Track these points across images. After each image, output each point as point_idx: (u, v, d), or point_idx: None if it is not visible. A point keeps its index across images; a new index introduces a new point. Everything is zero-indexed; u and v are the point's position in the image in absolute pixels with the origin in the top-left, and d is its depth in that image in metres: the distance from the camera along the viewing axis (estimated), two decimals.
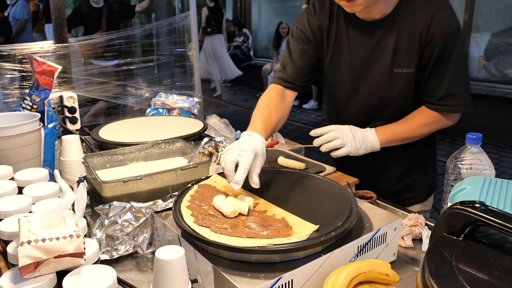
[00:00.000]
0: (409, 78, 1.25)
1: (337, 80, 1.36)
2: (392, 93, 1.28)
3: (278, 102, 1.30)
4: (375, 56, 1.27)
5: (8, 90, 1.95)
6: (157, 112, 1.86)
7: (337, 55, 1.33)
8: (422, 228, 1.05)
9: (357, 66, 1.30)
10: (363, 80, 1.31)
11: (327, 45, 1.34)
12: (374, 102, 1.31)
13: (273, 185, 1.04)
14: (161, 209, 0.99)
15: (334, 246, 0.81)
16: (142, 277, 0.94)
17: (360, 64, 1.29)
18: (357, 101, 1.34)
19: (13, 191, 1.02)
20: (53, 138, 1.43)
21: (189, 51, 2.92)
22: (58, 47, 2.09)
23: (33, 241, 0.65)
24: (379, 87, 1.29)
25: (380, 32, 1.25)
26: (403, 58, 1.24)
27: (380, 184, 1.38)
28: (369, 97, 1.31)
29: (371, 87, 1.30)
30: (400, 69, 1.25)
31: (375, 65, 1.27)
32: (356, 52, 1.29)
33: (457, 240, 0.58)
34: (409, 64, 1.24)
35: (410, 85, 1.26)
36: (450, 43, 1.19)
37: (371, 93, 1.31)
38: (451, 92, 1.23)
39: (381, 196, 1.28)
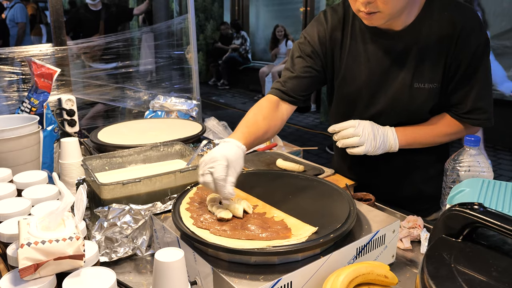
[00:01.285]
0: (431, 93, 1.18)
1: (350, 94, 1.28)
2: (411, 108, 1.21)
3: (269, 111, 1.21)
4: (394, 70, 1.19)
5: (6, 93, 1.95)
6: (155, 115, 1.86)
7: (352, 68, 1.25)
8: (420, 230, 1.06)
9: (374, 81, 1.22)
10: (380, 95, 1.23)
11: (340, 58, 1.26)
12: (392, 116, 1.23)
13: (272, 187, 1.04)
14: (160, 211, 0.99)
15: (333, 248, 0.82)
16: (141, 279, 0.94)
17: (378, 78, 1.22)
18: (373, 116, 1.25)
19: (12, 193, 1.02)
20: (51, 141, 1.44)
21: (187, 54, 2.92)
22: (56, 50, 2.09)
23: (33, 243, 0.66)
24: (397, 102, 1.21)
25: (401, 45, 1.17)
26: (425, 73, 1.17)
27: (396, 192, 1.33)
28: (386, 111, 1.24)
29: (389, 102, 1.22)
30: (421, 84, 1.18)
31: (394, 80, 1.20)
32: (374, 66, 1.21)
33: (456, 241, 0.58)
34: (432, 79, 1.17)
35: (431, 101, 1.19)
36: (479, 55, 1.13)
37: (389, 108, 1.23)
38: (478, 106, 1.17)
39: (396, 205, 1.26)
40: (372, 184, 1.32)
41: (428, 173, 1.35)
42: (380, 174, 1.35)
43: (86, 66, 2.88)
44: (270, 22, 9.38)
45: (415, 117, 1.23)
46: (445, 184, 0.96)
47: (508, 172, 4.39)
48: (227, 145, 0.99)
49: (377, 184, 1.32)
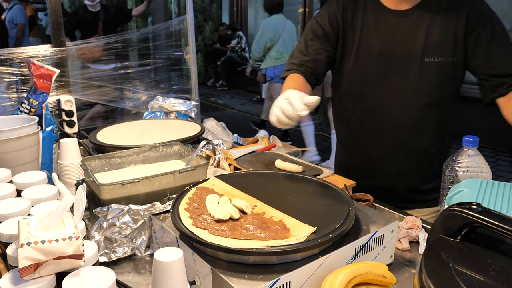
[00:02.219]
0: (443, 67, 1.23)
1: (363, 73, 1.33)
2: (422, 82, 1.25)
3: (304, 82, 1.34)
4: (405, 46, 1.25)
5: (6, 94, 1.95)
6: (154, 116, 1.86)
7: (364, 46, 1.30)
8: (419, 230, 1.06)
9: (386, 57, 1.28)
10: (392, 70, 1.28)
11: (352, 38, 1.31)
12: (404, 92, 1.28)
13: (270, 187, 1.04)
14: (159, 212, 0.99)
15: (331, 248, 0.82)
16: (140, 279, 0.94)
17: (390, 54, 1.27)
18: (386, 95, 1.31)
19: (11, 194, 1.02)
20: (51, 142, 1.44)
21: (186, 55, 2.92)
22: (55, 51, 2.09)
23: (32, 243, 0.66)
24: (408, 76, 1.26)
25: (411, 22, 1.24)
26: (435, 47, 1.22)
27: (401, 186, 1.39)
28: (398, 87, 1.29)
29: (400, 77, 1.28)
30: (431, 58, 1.23)
31: (405, 55, 1.26)
32: (386, 43, 1.27)
33: (454, 241, 0.58)
34: (442, 53, 1.22)
35: (443, 75, 1.24)
36: (498, 24, 1.20)
37: (400, 84, 1.28)
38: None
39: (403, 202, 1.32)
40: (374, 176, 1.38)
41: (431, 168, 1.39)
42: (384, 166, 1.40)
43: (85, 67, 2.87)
44: None
45: (432, 96, 1.27)
46: (443, 185, 0.97)
47: (506, 173, 4.40)
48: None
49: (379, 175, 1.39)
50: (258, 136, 1.89)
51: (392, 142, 1.36)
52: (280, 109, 1.08)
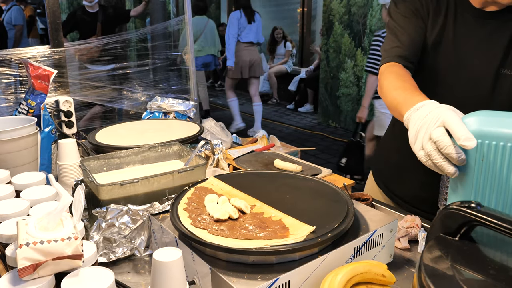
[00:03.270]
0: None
1: (430, 71, 1.18)
2: (495, 97, 1.10)
3: (410, 77, 1.08)
4: (481, 52, 1.10)
5: (4, 95, 1.95)
6: (153, 116, 1.86)
7: (438, 42, 1.15)
8: (418, 229, 1.06)
9: (457, 59, 1.13)
10: (460, 76, 1.13)
11: (432, 29, 1.15)
12: (470, 104, 1.03)
13: (269, 187, 1.04)
14: (158, 212, 0.99)
15: (330, 248, 0.82)
16: (140, 280, 0.94)
17: (461, 58, 1.12)
18: (449, 99, 1.02)
19: (10, 194, 1.02)
20: (49, 142, 1.43)
21: (184, 55, 2.93)
22: (53, 52, 2.09)
23: (31, 243, 0.66)
24: (478, 88, 1.11)
25: (493, 25, 1.08)
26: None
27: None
28: (465, 98, 1.10)
29: (469, 86, 1.12)
30: (509, 70, 1.08)
31: (479, 62, 1.11)
32: (460, 44, 1.12)
33: (453, 240, 0.59)
34: None
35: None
36: None
37: (467, 94, 1.12)
38: None
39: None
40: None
41: None
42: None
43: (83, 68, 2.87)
44: (267, 23, 9.38)
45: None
46: (442, 183, 0.96)
47: None
48: (432, 103, 0.85)
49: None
50: (257, 136, 1.89)
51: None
52: (433, 146, 0.78)
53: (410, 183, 1.31)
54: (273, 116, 7.11)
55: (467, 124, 0.77)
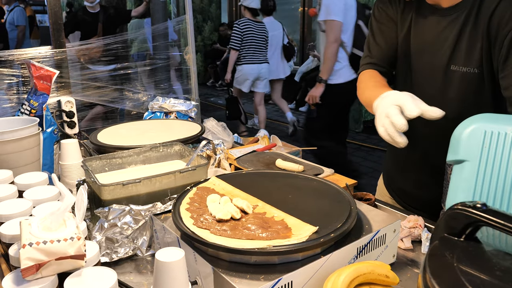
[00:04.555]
0: (468, 78, 1.10)
1: (401, 69, 1.26)
2: (447, 92, 1.15)
3: (381, 77, 1.24)
4: (433, 48, 1.15)
5: (6, 95, 1.95)
6: (154, 116, 1.86)
7: (402, 41, 1.22)
8: (421, 230, 1.06)
9: (414, 56, 1.19)
10: (416, 73, 1.20)
11: (401, 31, 1.23)
12: (426, 98, 1.08)
13: (271, 187, 1.04)
14: (160, 212, 0.99)
15: (333, 248, 0.82)
16: (142, 280, 0.94)
17: (417, 55, 1.18)
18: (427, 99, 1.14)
19: (13, 194, 1.02)
20: (51, 142, 1.44)
21: (185, 55, 2.93)
22: (55, 52, 2.09)
23: (34, 244, 0.66)
24: (431, 84, 1.16)
25: (444, 23, 1.12)
26: (462, 55, 1.10)
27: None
28: (422, 92, 1.12)
29: (425, 83, 1.18)
30: (457, 67, 1.12)
31: (431, 59, 1.15)
32: (416, 41, 1.18)
33: (458, 240, 0.58)
34: (468, 63, 1.09)
35: (469, 87, 1.11)
36: None
37: (423, 89, 1.17)
38: None
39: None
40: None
41: None
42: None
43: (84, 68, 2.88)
44: None
45: (453, 109, 1.08)
46: (445, 183, 0.96)
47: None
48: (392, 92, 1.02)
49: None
50: (259, 135, 1.89)
51: (417, 151, 1.26)
52: (389, 120, 0.94)
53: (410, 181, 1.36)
54: (274, 116, 7.10)
55: (471, 120, 0.84)
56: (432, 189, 1.19)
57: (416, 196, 1.34)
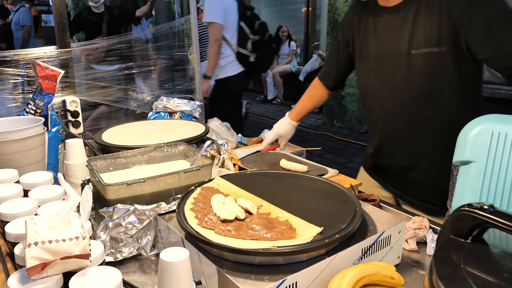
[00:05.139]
0: (429, 57, 1.21)
1: (363, 73, 1.45)
2: (413, 75, 1.26)
3: (314, 91, 1.70)
4: (394, 41, 1.29)
5: (12, 95, 1.96)
6: (158, 116, 1.87)
7: (365, 46, 1.40)
8: (426, 231, 1.05)
9: (381, 54, 1.34)
10: (385, 67, 1.34)
11: (358, 37, 1.43)
12: (395, 86, 1.32)
13: (276, 187, 1.04)
14: (164, 212, 0.99)
15: (338, 249, 0.81)
16: (146, 279, 0.94)
17: (384, 52, 1.33)
18: (380, 88, 1.37)
19: (18, 194, 1.02)
20: (56, 142, 1.44)
21: (190, 55, 2.93)
22: (60, 52, 2.10)
23: (40, 243, 0.66)
24: (397, 71, 1.29)
25: (398, 17, 1.28)
26: (420, 39, 1.23)
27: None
28: (390, 82, 1.33)
29: (391, 72, 1.31)
30: (417, 50, 1.23)
31: (395, 48, 1.29)
32: (380, 41, 1.34)
33: (465, 242, 0.58)
34: (426, 44, 1.21)
35: (432, 65, 1.22)
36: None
37: (391, 78, 1.32)
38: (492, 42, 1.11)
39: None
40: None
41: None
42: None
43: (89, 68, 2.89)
44: (271, 23, 9.36)
45: (420, 88, 1.26)
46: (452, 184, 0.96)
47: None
48: (281, 122, 1.69)
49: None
50: (263, 135, 1.89)
51: (394, 136, 1.40)
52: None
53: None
54: (278, 116, 7.07)
55: (478, 121, 0.86)
56: (414, 168, 1.38)
57: (402, 175, 1.45)
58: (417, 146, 1.35)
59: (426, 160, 1.36)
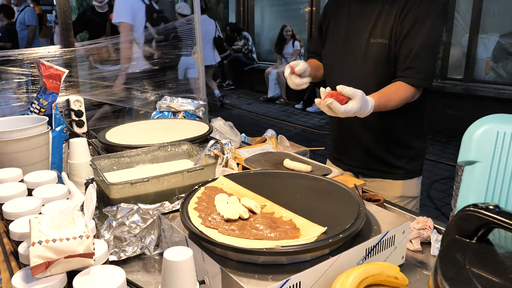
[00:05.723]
0: (383, 48, 1.40)
1: (330, 55, 1.59)
2: (369, 62, 1.44)
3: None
4: (358, 28, 1.46)
5: (16, 94, 1.97)
6: (162, 115, 1.87)
7: (337, 29, 1.55)
8: (430, 231, 1.05)
9: (346, 41, 1.50)
10: (348, 51, 1.50)
11: (333, 26, 1.57)
12: (358, 71, 1.47)
13: (279, 187, 1.04)
14: (168, 211, 0.99)
15: (342, 249, 0.81)
16: (150, 278, 0.94)
17: (349, 38, 1.49)
18: (342, 71, 1.53)
19: (22, 193, 1.03)
20: (60, 141, 1.45)
21: (193, 54, 2.93)
22: (64, 52, 2.11)
23: (44, 242, 0.66)
24: (356, 56, 1.47)
25: (368, 6, 1.45)
26: (379, 29, 1.41)
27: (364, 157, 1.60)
28: (351, 66, 1.49)
29: (352, 56, 1.48)
30: (375, 39, 1.42)
31: (356, 36, 1.47)
32: (350, 26, 1.50)
33: (470, 242, 0.57)
34: (383, 35, 1.40)
35: (383, 55, 1.41)
36: (420, 22, 1.35)
37: (354, 64, 1.48)
38: (412, 66, 1.37)
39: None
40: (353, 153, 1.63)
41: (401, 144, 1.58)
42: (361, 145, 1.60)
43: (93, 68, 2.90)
44: (275, 22, 9.37)
45: (374, 71, 1.45)
46: (456, 184, 0.95)
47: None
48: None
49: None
50: (266, 135, 1.88)
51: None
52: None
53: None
54: (281, 116, 7.09)
55: (483, 120, 0.87)
56: (365, 141, 1.57)
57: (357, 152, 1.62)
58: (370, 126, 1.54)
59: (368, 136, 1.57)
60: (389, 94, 1.36)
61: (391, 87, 1.39)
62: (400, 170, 1.58)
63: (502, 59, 5.47)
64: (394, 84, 1.40)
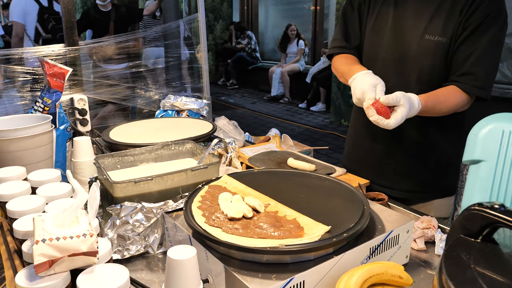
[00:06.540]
0: (440, 47, 1.26)
1: (375, 44, 1.39)
2: (421, 63, 1.29)
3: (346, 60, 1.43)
4: (412, 21, 1.30)
5: (20, 92, 1.98)
6: (166, 114, 1.87)
7: (383, 15, 1.36)
8: (435, 230, 1.04)
9: (395, 31, 1.33)
10: (397, 46, 1.33)
11: (374, 5, 1.39)
12: (405, 65, 1.32)
13: (283, 186, 1.04)
14: (171, 210, 0.99)
15: (346, 248, 0.81)
16: (153, 277, 0.94)
17: (399, 28, 1.32)
18: (387, 64, 1.36)
19: (26, 191, 1.03)
20: (64, 140, 1.45)
21: (197, 53, 2.93)
22: (68, 50, 2.11)
23: (47, 240, 0.66)
24: (406, 51, 1.31)
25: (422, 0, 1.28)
26: (437, 26, 1.25)
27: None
28: (402, 61, 1.33)
29: (402, 53, 1.32)
30: (431, 36, 1.26)
31: (409, 30, 1.30)
32: (398, 15, 1.33)
33: (475, 242, 0.57)
34: (443, 33, 1.25)
35: (439, 55, 1.26)
36: (487, 23, 1.19)
37: (402, 62, 1.32)
38: (471, 71, 1.22)
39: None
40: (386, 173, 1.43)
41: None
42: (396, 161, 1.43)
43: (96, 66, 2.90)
44: (279, 21, 9.37)
45: (426, 73, 1.30)
46: (461, 184, 0.95)
47: None
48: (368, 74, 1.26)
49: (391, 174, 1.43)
50: (270, 134, 1.88)
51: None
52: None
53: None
54: (285, 115, 7.09)
55: (488, 119, 0.86)
56: (398, 157, 1.41)
57: (383, 167, 1.45)
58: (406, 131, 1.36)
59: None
60: (439, 97, 1.23)
61: (443, 90, 1.25)
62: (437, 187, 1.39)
63: (506, 58, 5.42)
64: (446, 87, 1.26)
